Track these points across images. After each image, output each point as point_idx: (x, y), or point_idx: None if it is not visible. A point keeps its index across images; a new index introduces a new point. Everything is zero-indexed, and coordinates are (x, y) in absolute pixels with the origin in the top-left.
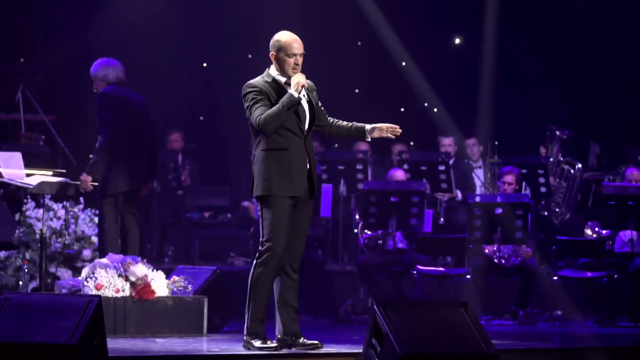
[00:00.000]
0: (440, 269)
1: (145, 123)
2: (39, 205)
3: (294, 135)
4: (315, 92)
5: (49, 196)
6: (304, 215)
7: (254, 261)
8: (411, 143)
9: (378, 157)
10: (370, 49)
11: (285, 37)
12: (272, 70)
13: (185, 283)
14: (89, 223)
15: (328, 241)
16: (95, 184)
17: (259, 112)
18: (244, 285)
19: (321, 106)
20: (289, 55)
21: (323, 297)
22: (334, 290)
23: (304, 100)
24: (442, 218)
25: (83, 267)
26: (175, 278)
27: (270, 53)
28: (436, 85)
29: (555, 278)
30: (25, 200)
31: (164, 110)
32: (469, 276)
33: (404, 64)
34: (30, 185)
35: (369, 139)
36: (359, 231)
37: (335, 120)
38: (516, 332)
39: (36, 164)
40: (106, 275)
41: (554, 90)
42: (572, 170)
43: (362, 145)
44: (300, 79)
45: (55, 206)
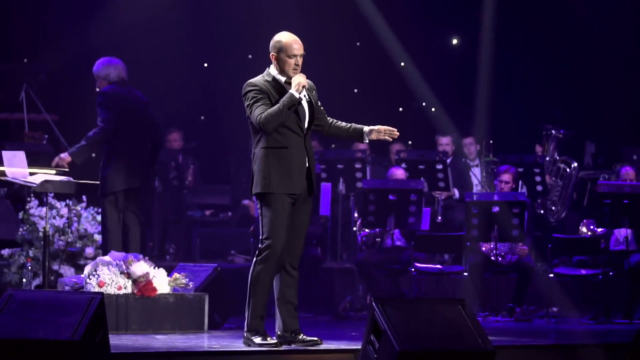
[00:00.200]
0: (438, 266)
1: (146, 122)
2: (42, 204)
3: (293, 134)
4: (315, 92)
5: (52, 194)
6: (303, 213)
7: (254, 259)
8: (409, 142)
9: (377, 156)
10: (369, 49)
11: (286, 38)
12: (272, 70)
13: (186, 280)
14: (92, 221)
15: (327, 239)
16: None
17: (260, 111)
18: (244, 282)
19: (320, 106)
20: (289, 56)
21: (322, 295)
22: (333, 287)
23: (304, 100)
24: (440, 216)
25: (85, 265)
26: (176, 275)
27: (271, 54)
28: (434, 85)
29: (551, 275)
30: (28, 199)
31: (164, 110)
32: (466, 273)
33: (402, 64)
34: (34, 183)
35: (367, 141)
36: (357, 229)
37: (334, 120)
38: (513, 329)
39: (39, 162)
40: (108, 272)
41: (550, 90)
42: (568, 169)
43: (361, 145)
44: (300, 79)
45: (58, 204)
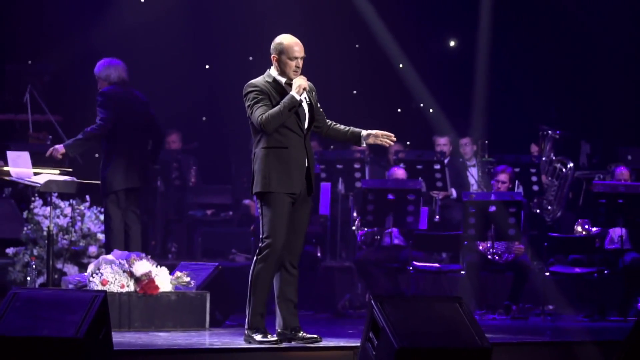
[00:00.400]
0: (436, 265)
1: (146, 122)
2: (46, 203)
3: (294, 134)
4: (314, 93)
5: (56, 194)
6: (302, 212)
7: (255, 257)
8: (407, 143)
9: (375, 157)
10: (367, 51)
11: (287, 41)
12: (273, 71)
13: (188, 279)
14: (95, 220)
15: (326, 238)
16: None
17: (261, 112)
18: (245, 281)
19: (320, 107)
20: (290, 58)
21: (322, 293)
22: (332, 285)
23: (304, 102)
24: (438, 215)
25: (89, 263)
26: (178, 274)
27: (272, 55)
28: (432, 86)
29: (547, 274)
30: (33, 198)
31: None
32: (463, 272)
33: (400, 65)
34: (38, 183)
35: (364, 145)
36: (356, 228)
37: (333, 123)
38: (509, 326)
39: (43, 163)
40: (111, 271)
41: (546, 90)
42: (564, 169)
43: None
44: (301, 81)
45: (62, 204)
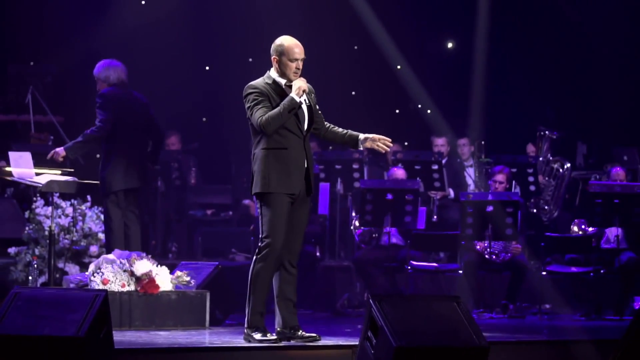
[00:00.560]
0: (434, 264)
1: (145, 123)
2: (47, 203)
3: (293, 135)
4: (313, 95)
5: (57, 194)
6: (301, 212)
7: (254, 257)
8: (405, 143)
9: (374, 157)
10: (366, 52)
11: (288, 42)
12: (273, 73)
13: (188, 278)
14: (96, 220)
15: (325, 238)
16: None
17: (261, 113)
18: (244, 280)
19: (318, 109)
20: (291, 60)
21: (321, 292)
22: (331, 285)
23: (304, 104)
24: (435, 215)
25: (90, 263)
26: (178, 273)
27: (273, 57)
28: (429, 88)
29: (544, 273)
30: (34, 198)
31: (167, 112)
32: (461, 271)
33: (398, 67)
34: (40, 183)
35: (361, 148)
36: (353, 227)
37: (331, 125)
38: (506, 325)
39: (45, 163)
40: (112, 270)
41: (542, 92)
42: (561, 170)
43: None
44: (301, 83)
45: (63, 204)
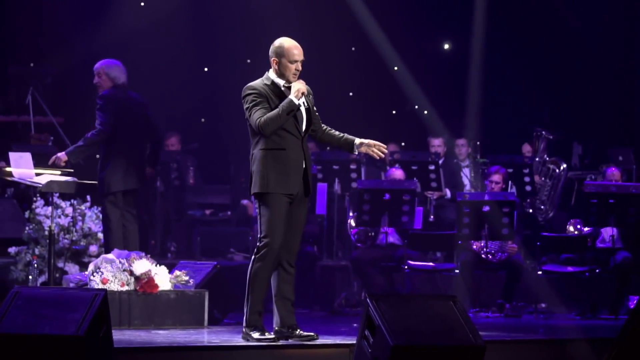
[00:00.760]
0: (430, 264)
1: (143, 124)
2: (47, 203)
3: (291, 136)
4: (311, 96)
5: (57, 194)
6: (299, 212)
7: (253, 256)
8: (402, 144)
9: (371, 158)
10: (363, 54)
11: (287, 44)
12: (271, 74)
13: (187, 277)
14: (96, 220)
15: (323, 237)
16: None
17: (259, 115)
18: (243, 279)
19: (316, 111)
20: (290, 62)
21: (318, 291)
22: (328, 284)
23: (302, 106)
24: (432, 215)
25: (90, 262)
26: (177, 273)
27: (272, 58)
28: (426, 88)
29: (540, 273)
30: (34, 199)
31: (166, 113)
32: (457, 271)
33: (396, 68)
34: (40, 184)
35: (356, 153)
36: (349, 226)
37: (328, 128)
38: (502, 324)
39: (45, 163)
40: (112, 270)
41: (539, 93)
42: (557, 170)
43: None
44: (300, 86)
45: (63, 204)
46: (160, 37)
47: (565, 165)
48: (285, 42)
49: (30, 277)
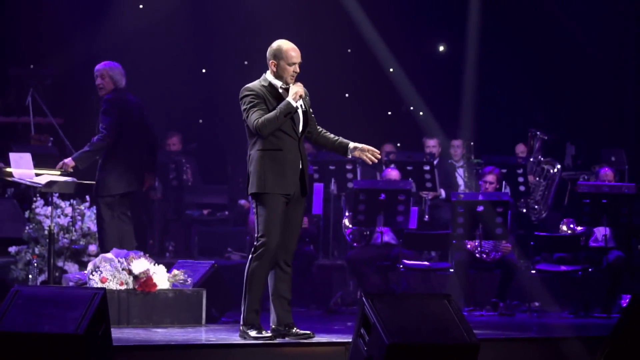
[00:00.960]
0: (425, 263)
1: (143, 129)
2: (47, 203)
3: (288, 137)
4: (308, 98)
5: (56, 194)
6: (296, 212)
7: (250, 256)
8: (398, 144)
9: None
10: (359, 56)
11: (286, 46)
12: (269, 75)
13: (185, 276)
14: (95, 220)
15: (319, 237)
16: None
17: (257, 116)
18: (240, 278)
19: (312, 113)
20: (289, 64)
21: (315, 290)
22: (325, 283)
23: (300, 108)
24: (427, 215)
25: (89, 262)
26: (175, 272)
27: (270, 61)
28: (422, 90)
29: (533, 272)
30: (34, 199)
31: (165, 113)
32: (452, 270)
33: (391, 70)
34: (40, 184)
35: (350, 156)
36: (343, 226)
37: (324, 130)
38: (496, 323)
39: (45, 164)
40: (110, 269)
41: (532, 94)
42: (552, 170)
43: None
44: (298, 89)
45: (62, 204)
46: (158, 39)
47: (559, 166)
48: (283, 45)
49: (30, 276)
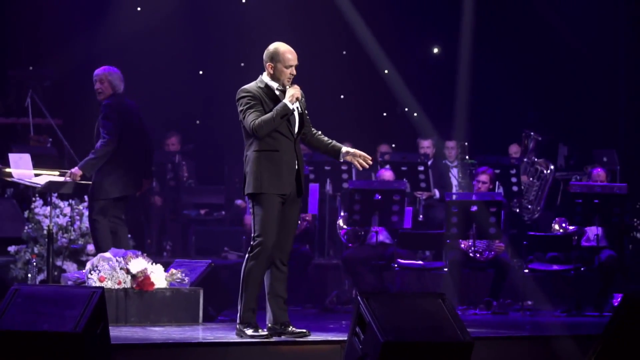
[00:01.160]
0: (420, 262)
1: (141, 134)
2: (46, 203)
3: (284, 138)
4: (303, 99)
5: (55, 194)
6: (292, 212)
7: (246, 255)
8: (393, 145)
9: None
10: (354, 58)
11: (283, 49)
12: (265, 77)
13: (182, 275)
14: None
15: (315, 236)
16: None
17: (253, 117)
18: (237, 277)
19: (307, 115)
20: (285, 67)
21: (310, 289)
22: (320, 282)
23: (296, 111)
24: (421, 215)
25: (87, 261)
26: (173, 271)
27: (267, 63)
28: (416, 91)
29: (526, 271)
30: (33, 199)
31: (163, 115)
32: (446, 269)
33: (386, 71)
34: (39, 184)
35: (342, 160)
36: (338, 227)
37: (318, 133)
38: (490, 321)
39: (44, 164)
40: (109, 268)
41: (525, 95)
42: (545, 171)
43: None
44: (294, 91)
45: (61, 204)
46: (156, 41)
47: (552, 167)
48: (280, 47)
49: (29, 275)
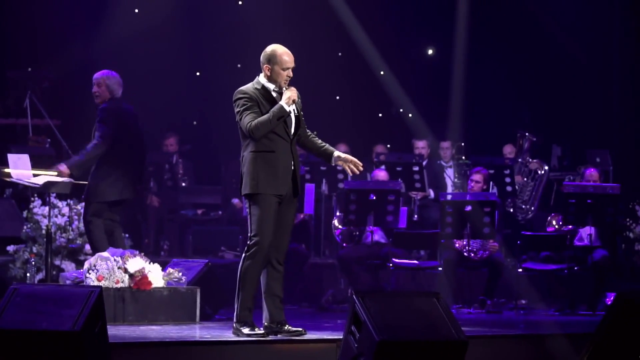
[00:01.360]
0: (414, 261)
1: (137, 138)
2: (44, 203)
3: (280, 139)
4: (299, 101)
5: (54, 195)
6: (288, 212)
7: (243, 254)
8: (388, 146)
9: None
10: (350, 59)
11: (280, 51)
12: (262, 78)
13: (179, 275)
14: None
15: (311, 236)
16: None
17: (250, 119)
18: (233, 276)
19: (302, 116)
20: (282, 69)
21: (306, 288)
22: (316, 281)
23: (293, 112)
24: (416, 215)
25: (85, 260)
26: (170, 270)
27: (264, 65)
28: (411, 92)
29: (520, 270)
30: (32, 199)
31: (161, 115)
32: (440, 268)
33: (381, 72)
34: (37, 184)
35: (333, 164)
36: (333, 227)
37: (312, 135)
38: (484, 320)
39: (42, 165)
40: (107, 267)
41: (519, 96)
42: (540, 172)
43: (342, 147)
44: (291, 93)
45: (60, 204)
46: (154, 42)
47: (547, 168)
48: (277, 49)
49: (28, 275)
